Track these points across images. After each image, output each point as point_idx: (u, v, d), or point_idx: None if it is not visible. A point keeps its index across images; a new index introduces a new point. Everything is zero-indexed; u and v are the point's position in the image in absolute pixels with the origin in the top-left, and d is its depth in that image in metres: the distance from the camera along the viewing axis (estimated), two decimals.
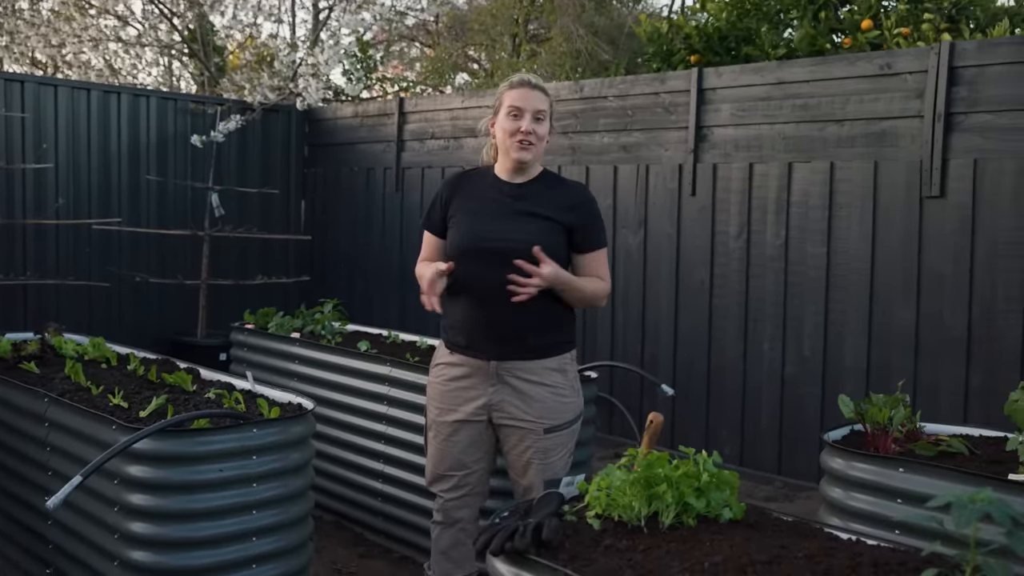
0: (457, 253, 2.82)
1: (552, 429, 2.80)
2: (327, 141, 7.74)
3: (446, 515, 2.92)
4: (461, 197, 2.89)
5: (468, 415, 2.83)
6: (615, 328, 5.75)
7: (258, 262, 7.45)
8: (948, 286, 4.47)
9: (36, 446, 3.18)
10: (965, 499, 1.37)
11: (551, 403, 2.80)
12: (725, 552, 1.62)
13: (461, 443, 2.85)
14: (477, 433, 2.85)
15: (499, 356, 2.78)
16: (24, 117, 6.29)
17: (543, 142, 2.83)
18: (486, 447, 2.88)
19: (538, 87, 2.83)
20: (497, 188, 2.86)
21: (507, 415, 2.80)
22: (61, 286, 6.43)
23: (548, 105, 2.83)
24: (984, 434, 2.80)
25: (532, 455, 2.79)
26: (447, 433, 2.87)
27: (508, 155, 2.82)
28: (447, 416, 2.86)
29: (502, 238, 2.76)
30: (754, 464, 5.13)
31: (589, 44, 12.01)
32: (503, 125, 2.81)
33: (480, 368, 2.80)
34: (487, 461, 2.92)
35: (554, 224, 2.80)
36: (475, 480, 2.89)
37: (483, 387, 2.81)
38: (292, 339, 4.54)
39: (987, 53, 4.37)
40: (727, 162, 5.25)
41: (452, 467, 2.88)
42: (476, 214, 2.83)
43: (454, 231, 2.85)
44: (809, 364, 4.92)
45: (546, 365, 2.80)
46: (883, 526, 2.36)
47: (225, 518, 2.71)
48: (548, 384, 2.80)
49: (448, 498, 2.91)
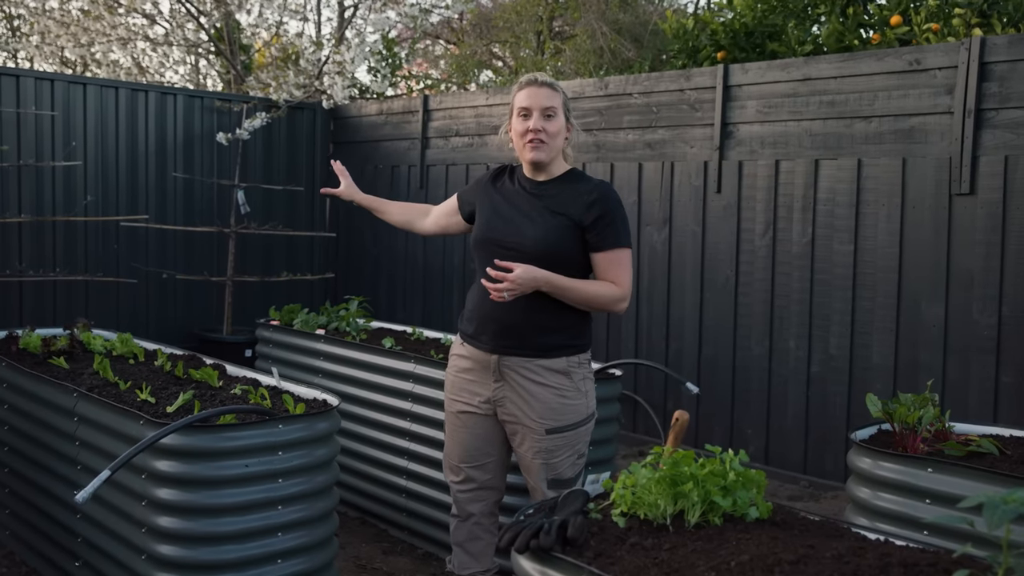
0: (473, 244, 2.91)
1: (554, 430, 2.77)
2: (352, 138, 7.77)
3: (460, 508, 2.93)
4: (486, 193, 2.95)
5: (475, 407, 2.86)
6: (639, 325, 5.73)
7: (283, 259, 7.50)
8: (977, 284, 4.41)
9: (65, 440, 3.21)
10: (997, 500, 1.35)
11: (554, 404, 2.77)
12: (752, 551, 1.61)
13: (469, 434, 2.88)
14: (485, 426, 2.86)
15: (500, 350, 2.79)
16: (54, 115, 6.36)
17: (557, 138, 2.79)
18: (497, 441, 2.88)
19: (545, 84, 2.80)
20: (520, 186, 2.90)
21: (509, 413, 2.81)
22: (90, 282, 6.51)
23: (559, 100, 2.80)
24: (1015, 434, 2.77)
25: (535, 455, 2.78)
26: (456, 424, 2.91)
27: (523, 157, 2.84)
28: (455, 406, 2.91)
29: (510, 235, 2.79)
30: (779, 463, 5.09)
31: (613, 41, 11.97)
32: (515, 127, 2.84)
33: (483, 361, 2.83)
34: (499, 456, 2.90)
35: (567, 221, 2.76)
36: (485, 474, 2.89)
37: (487, 381, 2.83)
38: (317, 336, 4.56)
39: (1019, 48, 4.31)
40: (753, 159, 5.21)
41: (461, 458, 2.90)
42: (495, 208, 2.88)
43: (476, 222, 2.95)
44: (835, 362, 4.88)
45: (549, 366, 2.77)
46: (911, 527, 2.34)
47: (250, 513, 2.73)
48: (551, 385, 2.77)
49: (459, 490, 2.93)
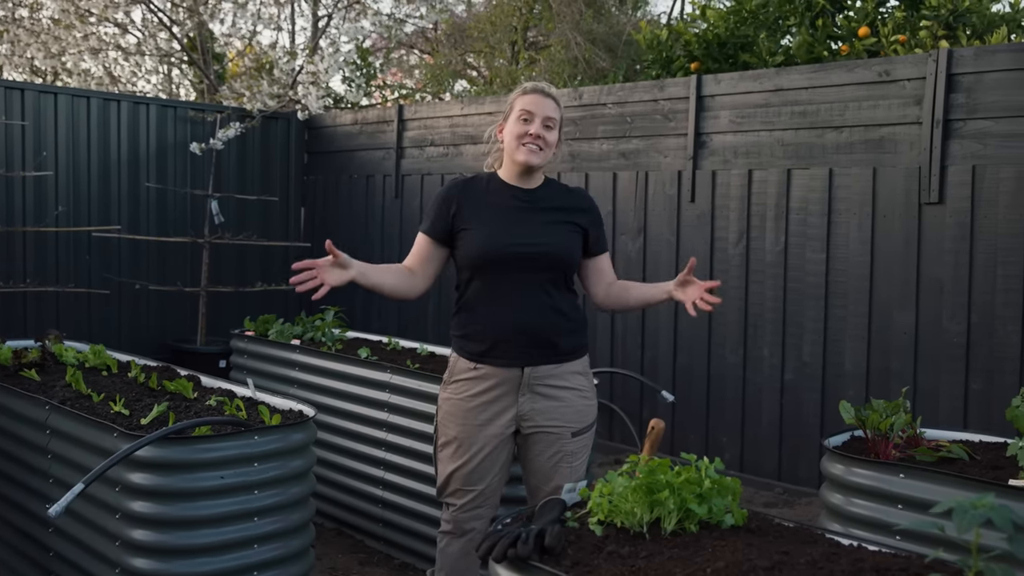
0: (480, 261, 2.74)
1: (578, 432, 2.79)
2: (326, 148, 7.75)
3: (457, 526, 2.83)
4: (472, 206, 2.79)
5: (499, 429, 2.74)
6: (615, 334, 5.75)
7: (258, 269, 7.46)
8: (947, 292, 4.48)
9: (37, 454, 3.18)
10: (967, 505, 1.37)
11: (579, 406, 2.79)
12: (727, 558, 1.63)
13: (486, 458, 2.76)
14: (502, 446, 2.78)
15: (531, 362, 2.73)
16: (24, 125, 6.31)
17: (551, 150, 2.81)
18: (507, 458, 2.83)
19: (551, 96, 2.81)
20: (510, 194, 2.81)
21: (537, 423, 2.75)
22: (61, 294, 6.44)
23: (559, 115, 2.82)
24: (984, 440, 2.81)
25: (560, 460, 2.76)
26: (475, 451, 2.76)
27: (514, 159, 2.78)
28: (476, 433, 2.74)
29: (531, 243, 2.73)
30: (754, 470, 5.13)
31: (587, 52, 12.04)
32: (512, 129, 2.78)
33: (511, 378, 2.73)
34: (505, 472, 2.86)
35: (573, 226, 2.81)
36: (492, 491, 2.83)
37: (512, 397, 2.74)
38: (293, 346, 4.54)
39: (985, 60, 4.39)
40: (726, 169, 5.26)
41: (473, 482, 2.78)
42: (496, 221, 2.76)
43: (471, 240, 2.75)
44: (809, 370, 4.93)
45: (573, 368, 2.79)
46: (883, 532, 2.36)
47: (226, 525, 2.71)
48: (575, 387, 2.79)
49: (463, 511, 2.82)
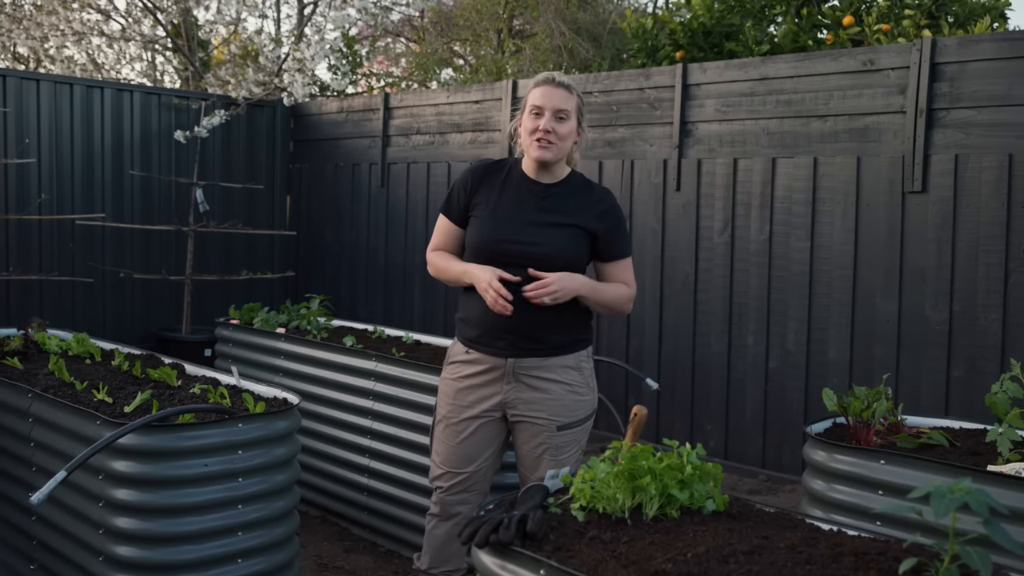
0: (477, 251, 2.78)
1: (565, 426, 2.79)
2: (312, 136, 7.72)
3: (443, 509, 2.87)
4: (487, 190, 2.83)
5: (482, 412, 2.80)
6: (600, 323, 5.76)
7: (243, 258, 7.43)
8: (930, 280, 4.50)
9: (20, 442, 3.17)
10: (944, 489, 1.38)
11: (567, 400, 2.79)
12: (708, 543, 1.64)
13: (473, 440, 2.82)
14: (490, 430, 2.82)
15: (517, 354, 2.76)
16: (6, 112, 6.25)
17: (566, 141, 2.77)
18: (497, 444, 2.86)
19: (561, 85, 2.77)
20: (525, 187, 2.81)
21: (521, 412, 2.78)
22: (44, 282, 6.40)
23: (573, 104, 2.77)
24: (964, 426, 2.84)
25: (544, 451, 2.78)
26: (459, 431, 2.82)
27: (528, 155, 2.79)
28: (461, 414, 2.82)
29: (524, 244, 2.73)
30: (738, 458, 5.16)
31: (572, 41, 12.01)
32: (525, 124, 2.78)
33: (497, 366, 2.78)
34: (495, 458, 2.89)
35: (578, 231, 2.77)
36: (480, 477, 2.86)
37: (499, 384, 2.78)
38: (277, 334, 4.53)
39: (968, 50, 4.41)
40: (711, 157, 5.27)
41: (460, 464, 2.84)
42: (500, 214, 2.78)
43: (476, 227, 2.80)
44: (793, 358, 4.95)
45: (563, 363, 2.79)
46: (864, 517, 2.38)
47: (210, 513, 2.71)
48: (564, 381, 2.79)
49: (449, 493, 2.86)
